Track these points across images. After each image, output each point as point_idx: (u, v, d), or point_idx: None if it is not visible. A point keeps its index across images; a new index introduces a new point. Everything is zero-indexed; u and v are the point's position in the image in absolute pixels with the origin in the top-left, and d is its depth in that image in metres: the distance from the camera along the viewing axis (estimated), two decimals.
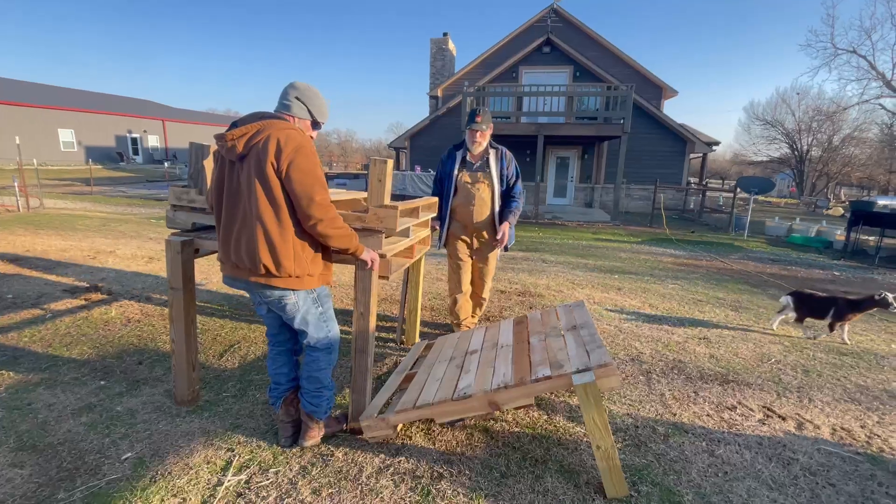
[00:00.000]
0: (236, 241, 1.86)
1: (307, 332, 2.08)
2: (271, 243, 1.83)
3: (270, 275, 1.87)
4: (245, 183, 1.81)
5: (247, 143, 1.78)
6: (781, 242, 10.93)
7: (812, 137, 30.33)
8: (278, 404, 2.21)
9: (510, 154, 3.34)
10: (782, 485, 2.07)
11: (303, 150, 1.80)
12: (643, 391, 2.90)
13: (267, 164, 1.75)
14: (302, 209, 1.82)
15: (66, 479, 1.89)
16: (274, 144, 1.76)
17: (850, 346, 3.93)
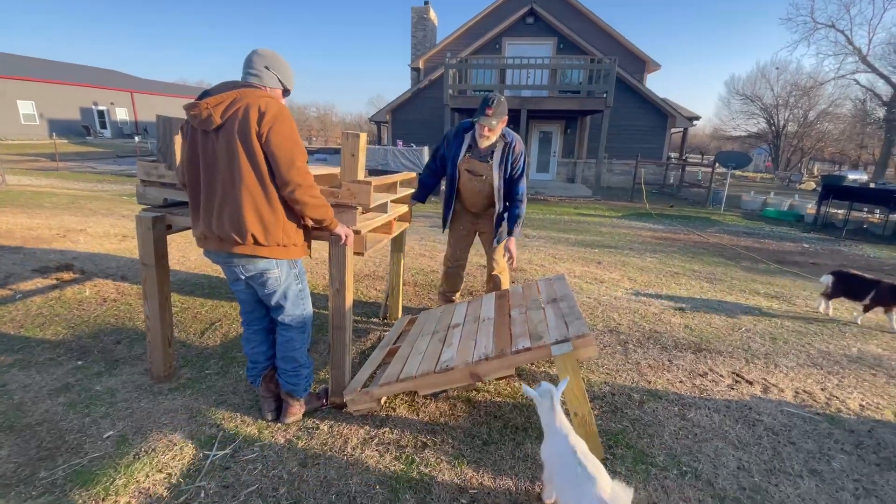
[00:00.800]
0: (219, 213, 1.81)
1: (284, 309, 2.06)
2: (259, 212, 1.80)
3: (258, 244, 1.85)
4: (224, 153, 1.75)
5: (223, 112, 1.72)
6: (756, 216, 11.23)
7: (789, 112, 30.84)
8: (258, 382, 2.21)
9: (521, 146, 2.92)
10: (747, 444, 2.19)
11: (283, 117, 1.77)
12: (620, 360, 3.00)
13: (250, 131, 1.72)
14: (281, 174, 1.78)
15: (46, 458, 1.87)
16: (255, 112, 1.72)
17: (816, 315, 4.12)
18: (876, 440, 2.29)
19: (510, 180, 2.95)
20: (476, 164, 2.96)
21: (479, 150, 2.94)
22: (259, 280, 1.97)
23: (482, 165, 2.94)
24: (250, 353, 2.20)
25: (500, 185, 2.95)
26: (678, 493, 1.85)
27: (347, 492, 1.77)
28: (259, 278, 1.96)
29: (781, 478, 1.98)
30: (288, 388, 2.17)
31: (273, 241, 1.87)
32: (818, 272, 5.80)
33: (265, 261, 1.91)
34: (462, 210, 3.21)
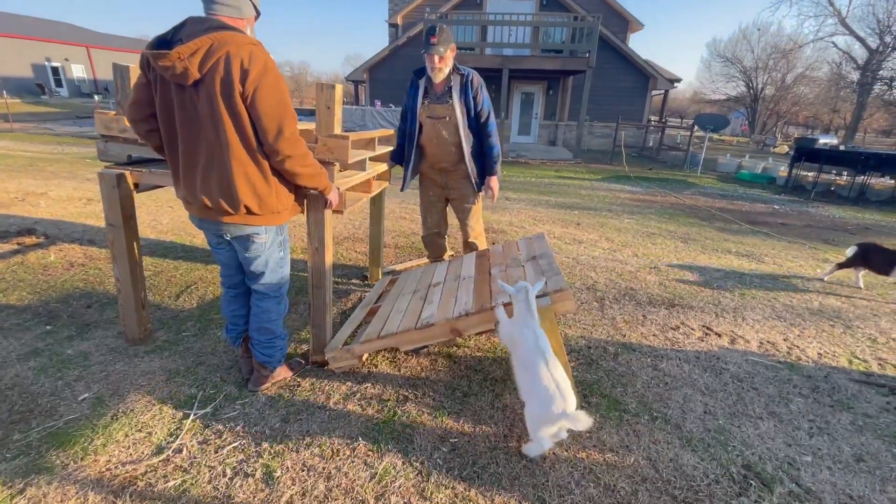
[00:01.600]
0: (204, 179, 1.66)
1: (262, 276, 1.95)
2: (251, 182, 1.68)
3: (251, 213, 1.74)
4: (208, 114, 1.56)
5: (201, 65, 1.49)
6: (731, 179, 11.45)
7: (767, 76, 30.95)
8: (238, 342, 2.16)
9: (478, 79, 2.78)
10: (713, 391, 2.31)
11: (270, 73, 1.57)
12: (596, 316, 3.08)
13: (234, 92, 1.52)
14: (269, 143, 1.63)
15: (19, 421, 1.84)
16: (237, 66, 1.51)
17: (783, 271, 4.29)
18: (831, 384, 2.44)
19: (477, 117, 2.81)
20: (436, 108, 2.81)
21: (436, 91, 2.80)
22: (244, 243, 1.86)
23: (442, 107, 2.79)
24: (230, 314, 2.13)
25: (465, 123, 2.79)
26: (648, 436, 1.94)
27: (331, 444, 1.81)
28: (245, 241, 1.86)
29: (744, 420, 2.10)
30: (262, 360, 2.08)
31: (267, 210, 1.77)
32: (787, 232, 6.01)
33: (254, 227, 1.81)
34: (429, 171, 3.04)
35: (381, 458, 1.75)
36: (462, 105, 2.77)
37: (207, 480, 1.61)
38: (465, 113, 2.79)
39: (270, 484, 1.61)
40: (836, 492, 1.72)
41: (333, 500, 1.56)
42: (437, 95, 2.81)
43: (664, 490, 1.66)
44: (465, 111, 2.79)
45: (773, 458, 1.86)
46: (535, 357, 1.71)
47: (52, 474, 1.60)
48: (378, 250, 3.39)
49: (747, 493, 1.68)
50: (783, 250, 5.08)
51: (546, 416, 1.62)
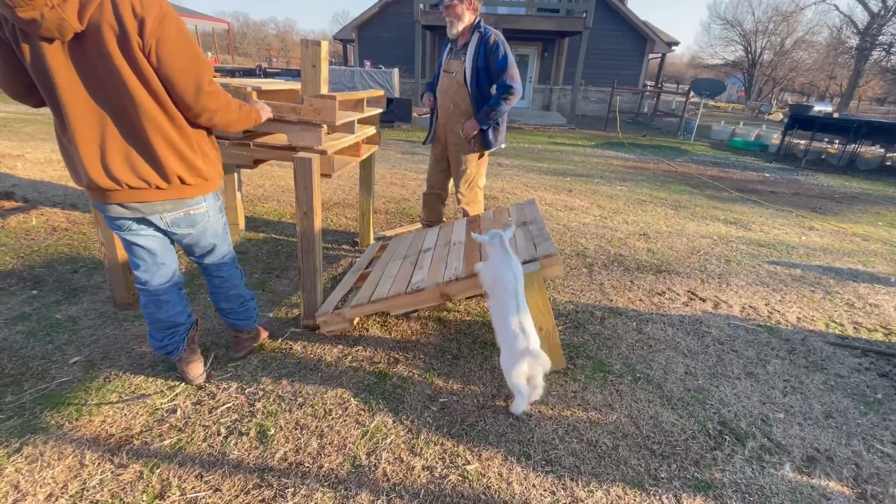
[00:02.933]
0: (117, 155, 1.40)
1: (216, 248, 1.80)
2: (176, 148, 1.45)
3: (185, 184, 1.53)
4: (103, 74, 1.29)
5: (80, 11, 1.20)
6: (724, 146, 11.41)
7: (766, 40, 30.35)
8: (181, 349, 1.84)
9: (495, 38, 2.70)
10: (695, 353, 2.39)
11: (169, 17, 1.31)
12: (585, 281, 3.13)
13: (132, 44, 1.26)
14: (189, 103, 1.41)
15: (11, 384, 1.85)
16: (129, 12, 1.24)
17: (769, 238, 4.36)
18: (807, 347, 2.53)
19: (492, 74, 2.74)
20: (451, 63, 2.89)
21: (456, 46, 2.86)
22: (185, 222, 1.63)
23: (456, 63, 2.86)
24: (168, 318, 1.78)
25: (473, 81, 2.75)
26: (631, 395, 2.02)
27: (323, 404, 1.85)
28: (186, 220, 1.62)
29: (722, 380, 2.18)
30: (240, 325, 2.02)
31: (199, 178, 1.56)
32: (776, 200, 6.06)
33: (190, 200, 1.58)
34: (438, 128, 3.09)
35: (372, 416, 1.80)
36: (473, 63, 2.74)
37: (202, 439, 1.65)
38: (475, 72, 2.75)
39: (265, 442, 1.66)
40: (804, 445, 1.81)
41: (326, 456, 1.61)
42: (456, 50, 2.87)
43: (643, 445, 1.74)
44: (476, 70, 2.75)
45: (747, 416, 1.95)
46: (510, 298, 1.80)
47: (47, 434, 1.62)
48: (368, 216, 3.36)
49: (721, 447, 1.77)
50: (771, 218, 5.14)
51: (513, 354, 1.72)
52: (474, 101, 2.83)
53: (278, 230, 3.66)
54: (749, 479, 1.63)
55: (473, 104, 2.85)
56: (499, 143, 3.01)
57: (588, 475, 1.60)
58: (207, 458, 1.58)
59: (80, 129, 1.36)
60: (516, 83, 2.73)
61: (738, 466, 1.68)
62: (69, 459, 1.53)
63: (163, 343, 1.81)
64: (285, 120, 2.03)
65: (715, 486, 1.59)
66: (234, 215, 3.44)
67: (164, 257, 1.72)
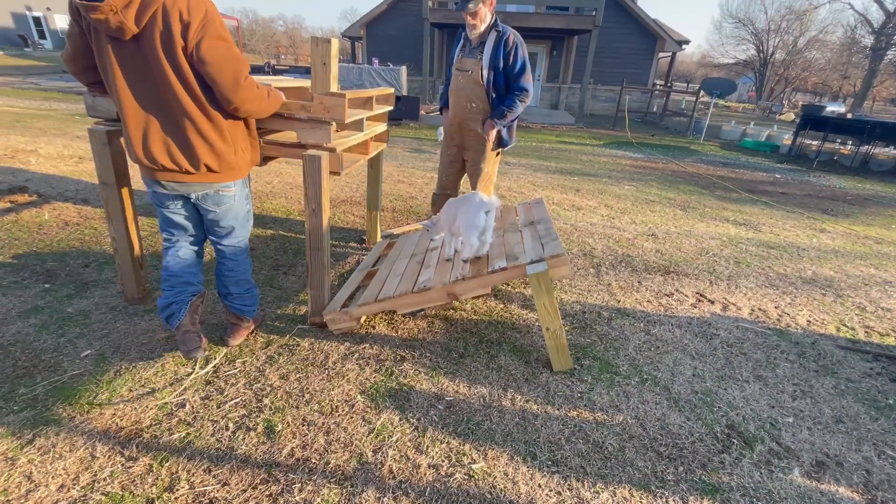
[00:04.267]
0: (157, 139, 1.61)
1: (234, 231, 1.96)
2: (208, 140, 1.65)
3: (212, 171, 1.72)
4: (151, 71, 1.49)
5: (137, 17, 1.40)
6: (734, 146, 11.29)
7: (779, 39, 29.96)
8: (183, 311, 1.89)
9: (514, 38, 2.74)
10: (703, 355, 2.37)
11: (213, 22, 1.50)
12: (592, 282, 3.11)
13: (176, 46, 1.45)
14: (226, 96, 1.58)
15: (24, 376, 1.88)
16: (176, 18, 1.43)
17: (779, 240, 4.31)
18: (817, 351, 2.50)
19: (508, 75, 2.78)
20: (465, 62, 2.87)
21: (471, 44, 2.85)
22: (214, 199, 1.82)
23: (471, 61, 2.84)
24: (181, 271, 1.93)
25: (490, 80, 2.79)
26: (638, 396, 2.01)
27: (330, 401, 1.86)
28: (214, 198, 1.82)
29: (730, 383, 2.17)
30: (242, 311, 2.12)
31: (226, 168, 1.75)
32: (786, 201, 5.99)
33: (219, 183, 1.79)
34: (450, 127, 3.08)
35: (378, 414, 1.81)
36: (490, 62, 2.76)
37: (211, 433, 1.67)
38: (493, 70, 2.78)
39: (272, 437, 1.67)
40: (813, 450, 1.80)
41: (333, 452, 1.62)
42: (471, 48, 2.85)
43: (650, 447, 1.74)
44: (493, 69, 2.77)
45: (756, 419, 1.93)
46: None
47: (59, 426, 1.65)
48: (375, 213, 3.37)
49: (729, 450, 1.75)
50: (781, 219, 5.08)
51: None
52: (491, 99, 2.85)
53: (286, 227, 3.68)
54: (757, 484, 1.62)
55: (482, 103, 2.86)
56: (513, 141, 3.08)
57: (594, 476, 1.60)
58: (216, 453, 1.59)
59: (130, 115, 1.58)
60: (531, 85, 2.82)
61: (746, 470, 1.67)
62: (81, 451, 1.56)
63: (169, 301, 1.90)
64: (295, 117, 2.04)
65: (722, 490, 1.58)
66: None
67: (195, 230, 1.96)
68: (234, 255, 2.02)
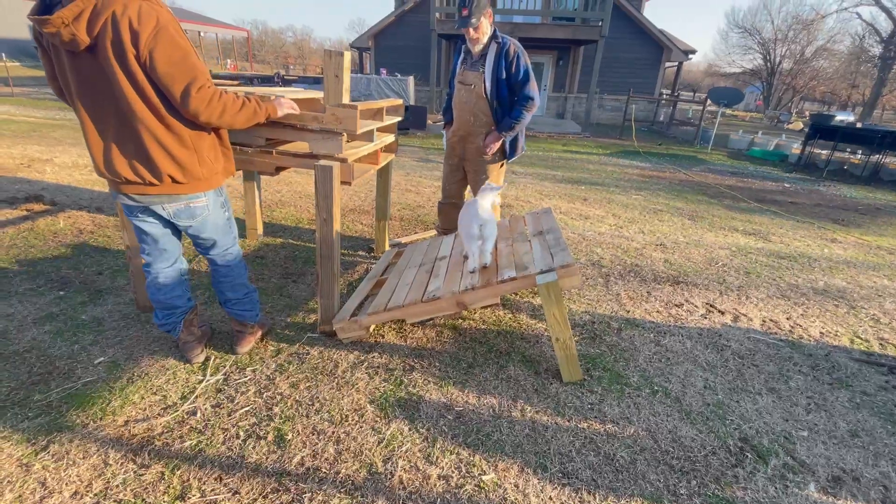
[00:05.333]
0: (119, 151, 1.57)
1: (217, 242, 1.93)
2: (168, 150, 1.59)
3: (177, 182, 1.66)
4: (106, 81, 1.46)
5: (88, 28, 1.37)
6: (742, 155, 11.25)
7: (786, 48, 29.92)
8: (179, 329, 1.99)
9: (515, 47, 2.72)
10: (714, 366, 2.35)
11: (165, 29, 1.44)
12: (601, 292, 3.10)
13: (128, 55, 1.41)
14: (178, 104, 1.52)
15: (39, 382, 1.90)
16: (126, 27, 1.39)
17: (789, 250, 4.28)
18: (831, 363, 2.47)
19: (512, 86, 2.77)
20: (467, 75, 2.86)
21: (472, 57, 2.83)
22: (187, 212, 1.77)
23: (473, 74, 2.83)
24: (166, 299, 1.93)
25: (494, 92, 2.77)
26: (649, 408, 1.99)
27: (339, 410, 1.86)
28: (186, 210, 1.76)
29: (743, 395, 2.14)
30: (244, 317, 2.10)
31: (192, 178, 1.68)
32: (796, 211, 5.95)
33: (187, 195, 1.73)
34: (452, 138, 3.08)
35: (388, 424, 1.81)
36: (493, 74, 2.75)
37: (222, 441, 1.68)
38: (496, 82, 2.76)
39: (282, 446, 1.67)
40: (829, 465, 1.77)
41: (343, 462, 1.62)
42: (473, 62, 2.84)
43: (662, 460, 1.72)
44: (497, 81, 2.76)
45: (769, 433, 1.91)
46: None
47: (73, 432, 1.66)
48: (384, 222, 3.39)
49: (743, 464, 1.73)
50: (791, 229, 5.04)
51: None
52: (494, 112, 2.84)
53: (295, 235, 3.71)
54: (772, 499, 1.59)
55: (494, 116, 2.85)
56: (518, 152, 3.05)
57: (605, 489, 1.58)
58: (226, 461, 1.60)
59: (89, 128, 1.57)
60: (536, 94, 2.77)
61: (761, 485, 1.65)
62: (94, 458, 1.57)
63: (162, 322, 1.98)
64: (307, 128, 2.07)
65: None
66: (252, 220, 3.50)
67: (166, 244, 1.89)
68: (226, 263, 2.01)
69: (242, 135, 2.13)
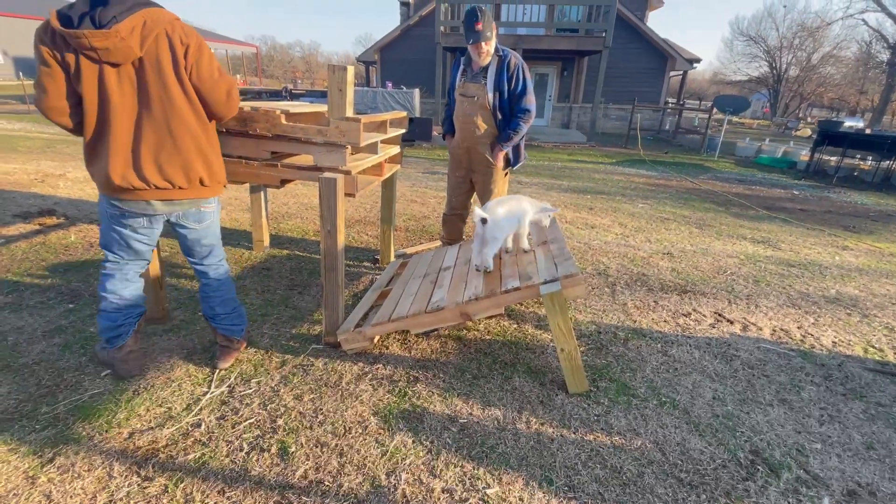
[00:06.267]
0: (151, 160, 1.66)
1: (213, 249, 2.03)
2: (203, 153, 1.77)
3: (203, 185, 1.82)
4: (157, 91, 1.60)
5: (141, 43, 1.53)
6: (749, 163, 11.17)
7: (792, 55, 29.85)
8: (130, 333, 1.98)
9: (516, 60, 2.80)
10: (723, 377, 2.31)
11: (203, 46, 1.69)
12: (607, 301, 3.07)
13: (181, 66, 1.62)
14: (221, 108, 1.79)
15: (47, 395, 1.92)
16: (178, 43, 1.60)
17: (799, 258, 4.22)
18: (844, 373, 2.42)
19: (511, 97, 2.85)
20: (469, 87, 2.92)
21: (473, 70, 2.89)
22: (195, 217, 1.89)
23: (475, 86, 2.89)
24: (132, 294, 1.96)
25: (496, 104, 2.85)
26: (656, 420, 1.96)
27: (343, 422, 1.86)
28: (196, 215, 1.89)
29: (753, 406, 2.10)
30: (231, 332, 2.13)
31: (215, 181, 1.86)
32: (806, 218, 5.88)
33: (204, 199, 1.87)
34: (457, 150, 3.11)
35: (392, 436, 1.80)
36: (495, 86, 2.83)
37: (225, 454, 1.67)
38: (499, 95, 2.84)
39: (285, 459, 1.67)
40: (844, 479, 1.72)
41: (346, 475, 1.61)
42: (473, 74, 2.90)
43: (670, 473, 1.68)
44: (499, 93, 2.84)
45: (781, 445, 1.87)
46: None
47: (79, 445, 1.67)
48: (389, 233, 3.40)
49: (754, 477, 1.69)
50: (801, 237, 4.98)
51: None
52: (498, 122, 2.91)
53: (301, 247, 3.73)
54: None
55: (497, 126, 2.93)
56: (521, 160, 3.14)
57: (613, 503, 1.55)
58: (230, 474, 1.59)
59: (119, 138, 1.63)
60: (533, 106, 2.89)
61: (773, 499, 1.60)
62: (99, 471, 1.57)
63: (118, 323, 1.96)
64: (311, 141, 2.10)
65: None
66: (259, 232, 3.54)
67: (147, 255, 2.00)
68: (218, 275, 2.08)
69: (248, 148, 2.16)
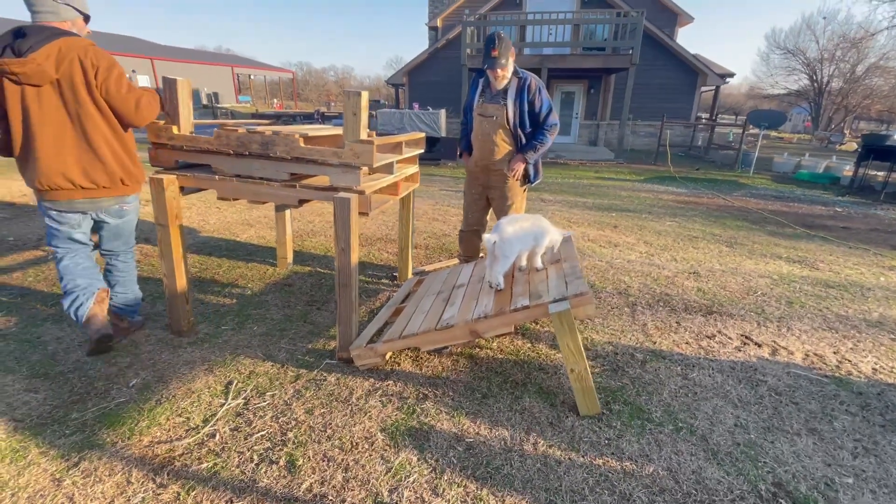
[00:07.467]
0: (75, 163, 2.04)
1: (129, 239, 2.44)
2: (118, 157, 2.14)
3: (125, 184, 2.21)
4: (73, 106, 1.98)
5: (56, 66, 1.90)
6: (788, 179, 10.72)
7: (834, 67, 28.69)
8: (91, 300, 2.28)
9: (536, 83, 2.91)
10: (747, 403, 2.20)
11: (113, 66, 2.04)
12: (626, 321, 3.00)
13: (92, 85, 1.98)
14: (132, 117, 2.12)
15: (77, 401, 2.04)
16: (89, 64, 1.95)
17: (839, 279, 3.99)
18: (884, 403, 2.26)
19: (535, 117, 2.95)
20: (487, 107, 3.00)
21: (491, 91, 2.98)
22: (118, 213, 2.28)
23: (493, 106, 2.98)
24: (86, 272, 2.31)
25: (517, 122, 2.94)
26: (671, 446, 1.88)
27: (350, 437, 1.88)
28: (118, 212, 2.28)
29: (778, 435, 1.99)
30: (125, 312, 2.52)
31: (133, 180, 2.25)
32: (848, 237, 5.57)
33: (127, 196, 2.27)
34: (474, 168, 3.19)
35: (397, 453, 1.80)
36: (516, 107, 2.93)
37: (236, 465, 1.73)
38: (519, 115, 2.94)
39: (293, 471, 1.70)
40: None
41: (350, 490, 1.63)
42: (492, 95, 3.00)
43: (683, 502, 1.61)
44: (519, 114, 2.94)
45: (808, 478, 1.75)
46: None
47: (102, 451, 1.76)
48: (406, 251, 3.46)
49: None
50: (842, 256, 4.71)
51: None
52: (517, 140, 3.01)
53: (323, 264, 3.84)
54: None
55: (508, 146, 3.02)
56: (539, 177, 3.19)
57: None
58: (239, 484, 1.64)
59: (44, 147, 1.99)
60: (557, 120, 3.01)
61: None
62: (118, 476, 1.65)
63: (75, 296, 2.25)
64: (328, 163, 2.19)
65: None
66: (283, 249, 3.67)
67: (86, 241, 2.35)
68: (126, 259, 2.47)
69: (269, 170, 2.28)
